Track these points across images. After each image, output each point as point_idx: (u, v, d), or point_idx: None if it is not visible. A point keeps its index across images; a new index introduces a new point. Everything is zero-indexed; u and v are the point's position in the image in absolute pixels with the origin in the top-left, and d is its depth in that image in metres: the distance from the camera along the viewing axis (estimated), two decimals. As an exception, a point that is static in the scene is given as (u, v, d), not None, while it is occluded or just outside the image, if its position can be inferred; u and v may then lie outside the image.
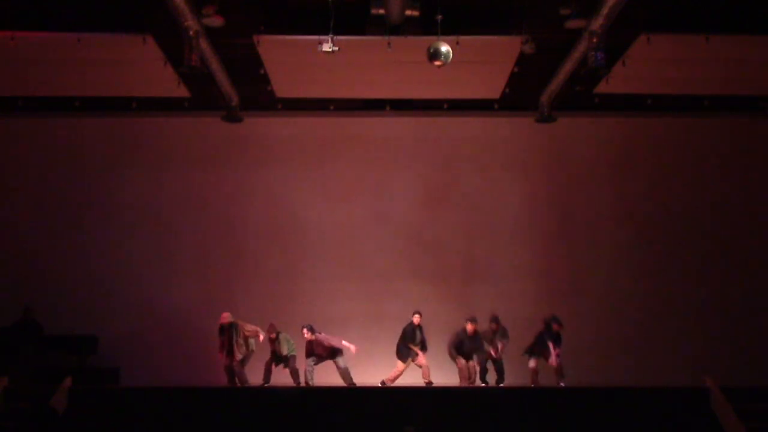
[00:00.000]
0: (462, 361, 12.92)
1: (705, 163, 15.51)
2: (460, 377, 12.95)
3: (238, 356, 12.71)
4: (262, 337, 12.79)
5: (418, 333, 12.97)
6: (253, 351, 12.89)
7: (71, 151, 15.42)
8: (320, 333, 12.78)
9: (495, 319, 13.03)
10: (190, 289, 14.85)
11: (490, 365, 13.05)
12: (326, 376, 13.19)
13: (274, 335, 12.79)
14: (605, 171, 15.56)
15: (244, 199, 15.47)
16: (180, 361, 14.25)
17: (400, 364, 12.97)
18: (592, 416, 11.39)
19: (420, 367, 12.92)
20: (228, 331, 12.76)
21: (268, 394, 12.20)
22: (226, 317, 12.81)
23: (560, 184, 15.54)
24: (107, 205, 15.29)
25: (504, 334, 13.03)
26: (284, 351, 12.86)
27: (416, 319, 12.94)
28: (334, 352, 12.82)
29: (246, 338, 12.79)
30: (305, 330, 12.71)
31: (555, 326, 12.92)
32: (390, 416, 11.28)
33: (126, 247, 15.13)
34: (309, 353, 12.77)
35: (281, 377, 12.97)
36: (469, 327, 12.86)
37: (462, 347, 12.92)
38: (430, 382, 12.82)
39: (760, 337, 14.48)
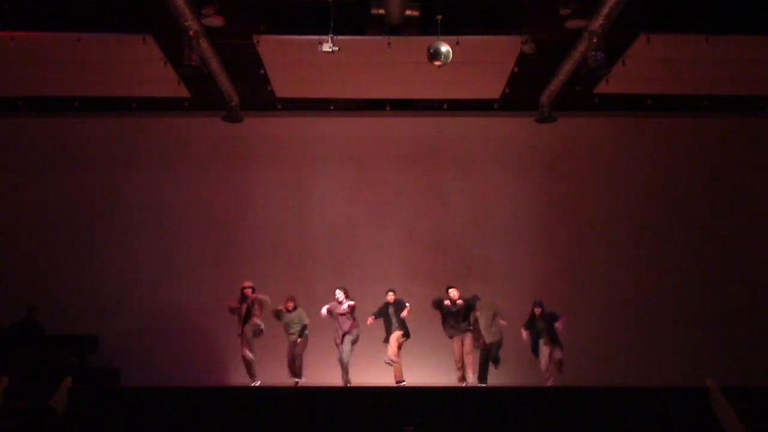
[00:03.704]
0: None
1: (705, 163, 15.50)
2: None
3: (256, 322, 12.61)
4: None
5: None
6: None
7: (71, 151, 15.41)
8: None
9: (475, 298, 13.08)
10: (190, 289, 14.85)
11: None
12: (326, 375, 13.22)
13: (291, 305, 12.76)
14: (605, 171, 15.56)
15: (244, 199, 15.47)
16: (180, 361, 14.25)
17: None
18: (591, 416, 11.38)
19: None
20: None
21: (268, 394, 12.19)
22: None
23: (560, 184, 15.54)
24: (107, 205, 15.29)
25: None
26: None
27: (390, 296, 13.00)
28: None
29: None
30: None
31: (537, 310, 12.89)
32: (390, 416, 11.28)
33: (126, 247, 15.15)
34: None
35: (281, 377, 12.99)
36: (455, 293, 12.87)
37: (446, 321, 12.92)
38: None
39: (760, 337, 14.47)
